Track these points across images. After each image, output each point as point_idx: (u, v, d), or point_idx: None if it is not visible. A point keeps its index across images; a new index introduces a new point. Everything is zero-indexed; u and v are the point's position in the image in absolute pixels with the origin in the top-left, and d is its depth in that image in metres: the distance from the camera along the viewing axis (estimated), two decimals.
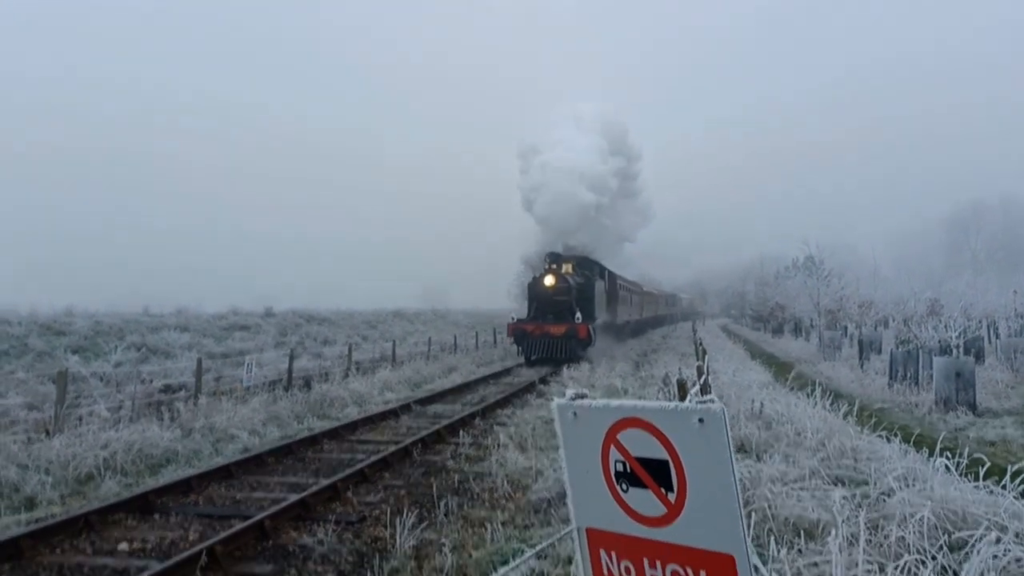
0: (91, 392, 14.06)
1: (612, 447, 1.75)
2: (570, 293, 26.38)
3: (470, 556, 6.48)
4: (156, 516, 7.76)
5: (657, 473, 1.67)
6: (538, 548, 2.14)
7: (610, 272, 33.53)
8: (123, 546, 6.77)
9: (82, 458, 9.53)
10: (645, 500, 1.71)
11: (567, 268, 27.77)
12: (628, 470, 1.74)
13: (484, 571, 6.11)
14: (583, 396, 1.86)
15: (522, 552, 6.37)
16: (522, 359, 26.51)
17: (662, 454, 1.65)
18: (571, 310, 25.98)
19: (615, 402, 1.74)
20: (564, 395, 1.90)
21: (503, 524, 7.35)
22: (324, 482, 8.67)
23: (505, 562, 6.19)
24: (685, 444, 1.60)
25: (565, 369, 22.64)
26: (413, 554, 6.46)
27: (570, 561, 5.46)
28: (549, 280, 26.35)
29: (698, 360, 13.13)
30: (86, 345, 22.99)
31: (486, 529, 7.13)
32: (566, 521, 7.22)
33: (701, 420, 1.56)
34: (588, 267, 30.04)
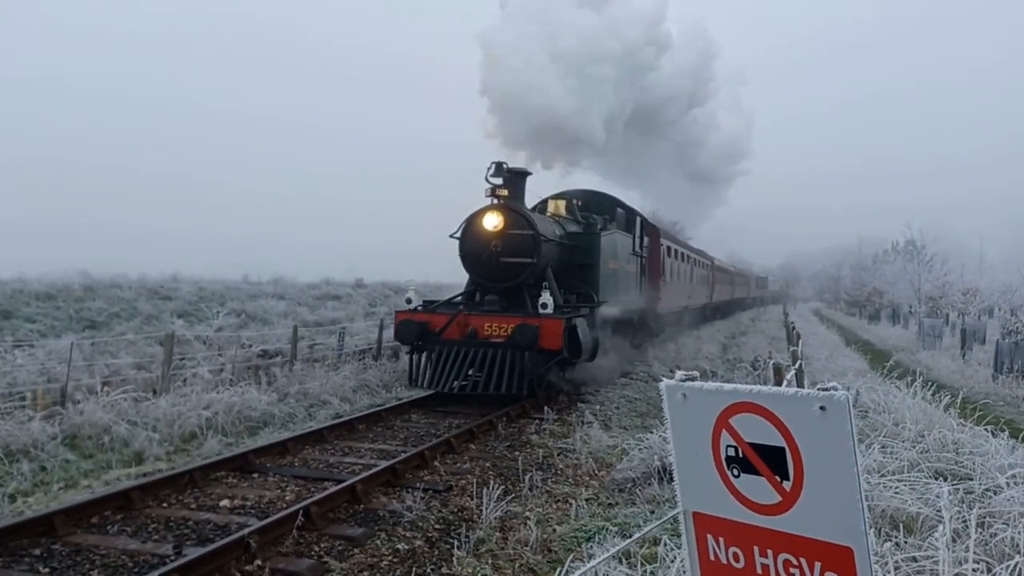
0: (194, 355, 14.77)
1: (724, 431, 1.72)
2: (534, 249, 12.64)
3: (554, 531, 6.54)
4: (255, 475, 8.11)
5: (772, 460, 1.63)
6: (645, 531, 2.13)
7: (645, 220, 18.89)
8: (224, 502, 7.11)
9: (186, 417, 10.04)
10: (758, 487, 1.67)
11: (556, 207, 15.37)
12: (740, 455, 1.70)
13: (568, 546, 6.15)
14: (693, 378, 1.83)
15: (606, 530, 6.38)
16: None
17: (778, 441, 1.61)
18: (535, 284, 12.78)
19: (728, 386, 1.71)
20: (673, 375, 1.88)
21: (587, 501, 7.38)
22: (412, 450, 8.87)
23: (589, 538, 6.23)
24: (804, 432, 1.56)
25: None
26: (499, 525, 6.56)
27: (656, 542, 5.43)
28: (491, 220, 12.67)
29: (791, 345, 12.78)
30: (190, 310, 24.04)
31: (570, 505, 7.17)
32: (650, 501, 7.22)
33: (823, 408, 1.51)
34: (600, 208, 16.89)
